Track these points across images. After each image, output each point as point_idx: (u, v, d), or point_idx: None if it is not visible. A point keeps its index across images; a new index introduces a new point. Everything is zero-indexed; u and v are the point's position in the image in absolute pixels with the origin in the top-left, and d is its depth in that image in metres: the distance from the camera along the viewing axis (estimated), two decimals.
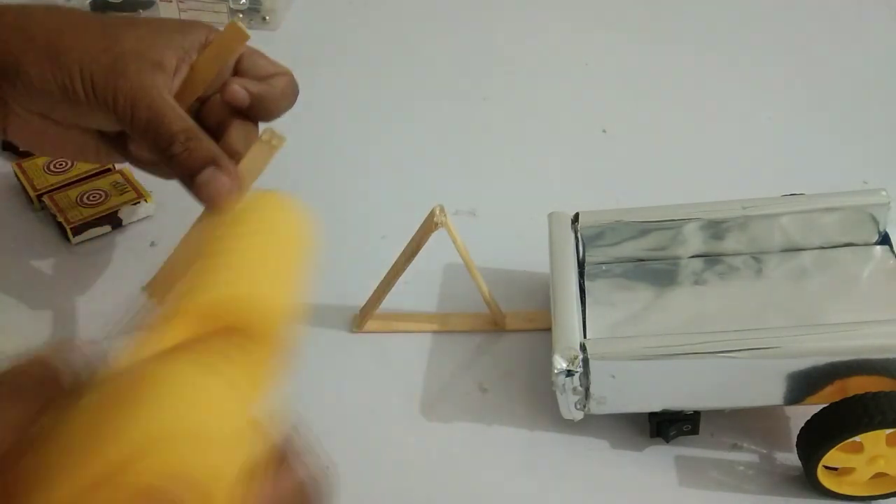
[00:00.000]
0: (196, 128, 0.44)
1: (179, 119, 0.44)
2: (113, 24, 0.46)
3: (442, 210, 0.49)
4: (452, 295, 0.56)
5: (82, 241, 0.59)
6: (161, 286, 0.43)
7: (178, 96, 0.46)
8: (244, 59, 0.47)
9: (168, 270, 0.44)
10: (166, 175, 0.49)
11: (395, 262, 0.51)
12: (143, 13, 0.80)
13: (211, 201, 0.43)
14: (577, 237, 0.52)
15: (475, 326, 0.54)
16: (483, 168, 0.66)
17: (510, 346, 0.53)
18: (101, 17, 0.48)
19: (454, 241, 0.50)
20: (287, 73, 0.48)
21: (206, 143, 0.44)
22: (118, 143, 0.50)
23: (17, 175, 0.62)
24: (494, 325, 0.54)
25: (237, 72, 0.47)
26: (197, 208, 0.43)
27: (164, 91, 0.44)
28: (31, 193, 0.60)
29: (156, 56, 0.45)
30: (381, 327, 0.54)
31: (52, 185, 0.61)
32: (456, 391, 0.51)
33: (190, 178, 0.43)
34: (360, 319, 0.54)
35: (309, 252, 0.38)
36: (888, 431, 0.42)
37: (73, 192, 0.60)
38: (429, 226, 0.49)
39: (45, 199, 0.60)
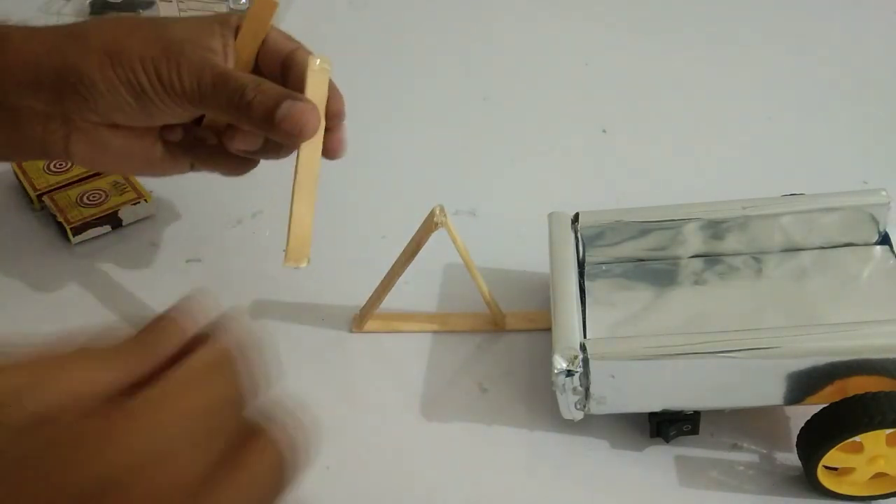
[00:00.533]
0: (261, 78, 0.46)
1: (244, 74, 0.47)
2: (159, 22, 0.48)
3: (442, 210, 0.49)
4: (452, 295, 0.56)
5: (82, 241, 0.59)
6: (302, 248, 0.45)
7: None
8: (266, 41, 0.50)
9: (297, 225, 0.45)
10: (233, 168, 0.51)
11: (395, 262, 0.51)
12: (143, 13, 0.80)
13: (295, 131, 0.45)
14: (577, 237, 0.52)
15: (475, 326, 0.54)
16: (483, 168, 0.66)
17: (510, 346, 0.53)
18: (146, 18, 0.50)
19: (454, 241, 0.50)
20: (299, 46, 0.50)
21: (275, 86, 0.46)
22: (184, 145, 0.50)
23: (16, 175, 0.62)
24: (494, 325, 0.54)
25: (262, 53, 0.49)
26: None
27: (221, 61, 0.47)
28: (31, 193, 0.60)
29: (204, 42, 0.47)
30: (381, 327, 0.54)
31: (52, 184, 0.61)
32: (456, 391, 0.51)
33: (269, 119, 0.45)
34: (360, 319, 0.54)
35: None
36: (888, 431, 0.42)
37: (73, 192, 0.60)
38: (429, 226, 0.49)
39: (45, 198, 0.60)
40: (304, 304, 0.55)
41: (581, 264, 0.52)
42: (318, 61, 0.48)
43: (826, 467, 0.44)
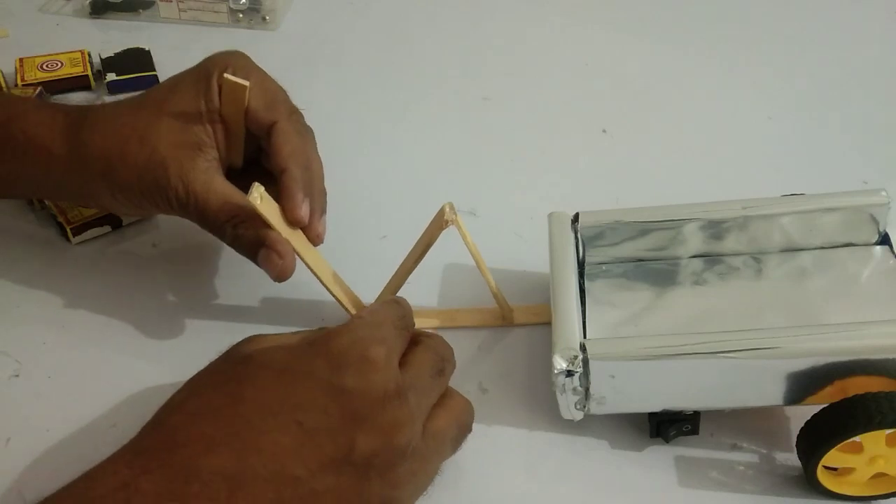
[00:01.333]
0: (240, 209, 0.49)
1: (223, 207, 0.49)
2: (146, 128, 0.50)
3: (452, 207, 0.48)
4: (454, 294, 0.56)
5: (82, 242, 0.59)
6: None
7: (229, 151, 0.51)
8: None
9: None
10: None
11: (404, 262, 0.51)
12: (143, 13, 0.80)
13: (274, 275, 0.49)
14: (577, 237, 0.52)
15: (483, 321, 0.54)
16: (483, 168, 0.66)
17: (510, 346, 0.53)
18: (132, 122, 0.51)
19: (464, 238, 0.49)
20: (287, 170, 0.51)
21: (251, 229, 0.49)
22: None
23: None
24: (502, 319, 0.54)
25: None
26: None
27: (206, 173, 0.50)
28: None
29: (190, 137, 0.50)
30: None
31: None
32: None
33: (253, 259, 0.49)
34: None
35: None
36: (888, 431, 0.42)
37: None
38: (439, 223, 0.49)
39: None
40: (304, 304, 0.55)
41: (581, 264, 0.52)
42: (256, 194, 0.46)
43: (826, 467, 0.44)
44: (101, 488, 0.36)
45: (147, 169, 0.49)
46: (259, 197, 0.46)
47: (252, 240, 0.49)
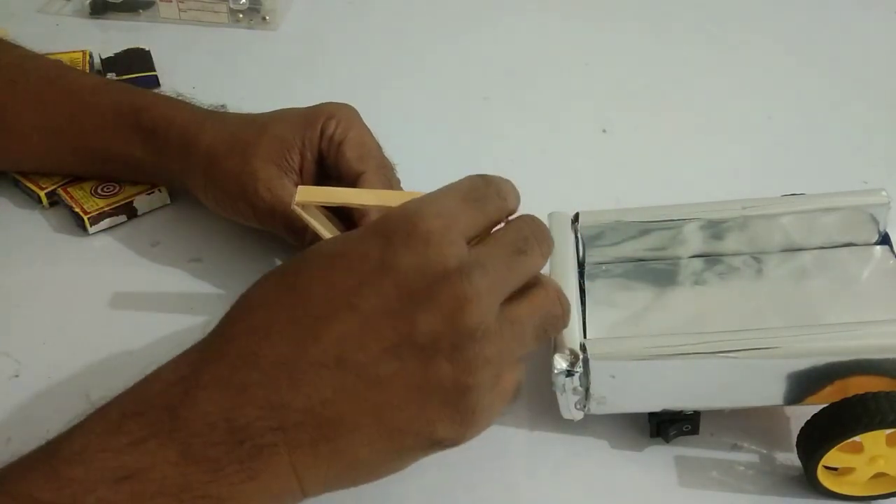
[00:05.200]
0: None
1: (299, 218, 0.48)
2: (247, 143, 0.54)
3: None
4: None
5: (99, 231, 0.60)
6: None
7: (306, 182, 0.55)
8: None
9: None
10: None
11: None
12: (143, 13, 0.80)
13: None
14: (577, 237, 0.52)
15: None
16: (483, 168, 0.66)
17: None
18: (236, 137, 0.55)
19: None
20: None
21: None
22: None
23: (15, 180, 0.62)
24: None
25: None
26: None
27: (291, 187, 0.53)
28: (38, 192, 0.61)
29: (282, 159, 0.54)
30: None
31: (56, 182, 0.61)
32: None
33: None
34: None
35: None
36: (888, 431, 0.42)
37: (87, 185, 0.61)
38: None
39: (60, 191, 0.61)
40: None
41: (581, 264, 0.52)
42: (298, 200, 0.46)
43: (826, 467, 0.44)
44: (160, 384, 0.37)
45: (240, 175, 0.53)
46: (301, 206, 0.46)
47: None
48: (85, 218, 0.59)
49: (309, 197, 0.45)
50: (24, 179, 0.61)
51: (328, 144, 0.54)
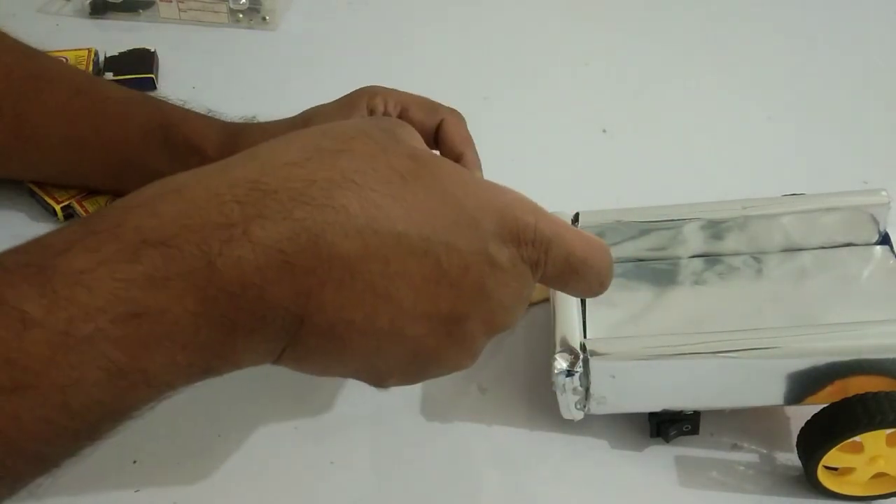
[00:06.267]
0: None
1: None
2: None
3: None
4: None
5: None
6: None
7: None
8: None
9: None
10: None
11: None
12: (143, 13, 0.80)
13: None
14: None
15: None
16: (483, 168, 0.66)
17: (510, 346, 0.53)
18: (276, 134, 0.51)
19: None
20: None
21: None
22: None
23: (32, 191, 0.62)
24: None
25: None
26: None
27: None
28: (54, 205, 0.60)
29: None
30: None
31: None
32: (456, 391, 0.51)
33: None
34: None
35: None
36: (888, 431, 0.42)
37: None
38: None
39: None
40: None
41: None
42: None
43: (826, 467, 0.44)
44: (197, 216, 0.33)
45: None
46: None
47: None
48: (57, 208, 0.59)
49: None
50: (40, 191, 0.61)
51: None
